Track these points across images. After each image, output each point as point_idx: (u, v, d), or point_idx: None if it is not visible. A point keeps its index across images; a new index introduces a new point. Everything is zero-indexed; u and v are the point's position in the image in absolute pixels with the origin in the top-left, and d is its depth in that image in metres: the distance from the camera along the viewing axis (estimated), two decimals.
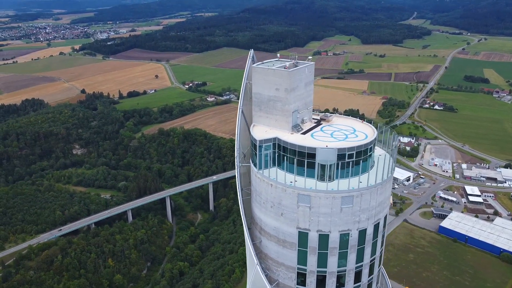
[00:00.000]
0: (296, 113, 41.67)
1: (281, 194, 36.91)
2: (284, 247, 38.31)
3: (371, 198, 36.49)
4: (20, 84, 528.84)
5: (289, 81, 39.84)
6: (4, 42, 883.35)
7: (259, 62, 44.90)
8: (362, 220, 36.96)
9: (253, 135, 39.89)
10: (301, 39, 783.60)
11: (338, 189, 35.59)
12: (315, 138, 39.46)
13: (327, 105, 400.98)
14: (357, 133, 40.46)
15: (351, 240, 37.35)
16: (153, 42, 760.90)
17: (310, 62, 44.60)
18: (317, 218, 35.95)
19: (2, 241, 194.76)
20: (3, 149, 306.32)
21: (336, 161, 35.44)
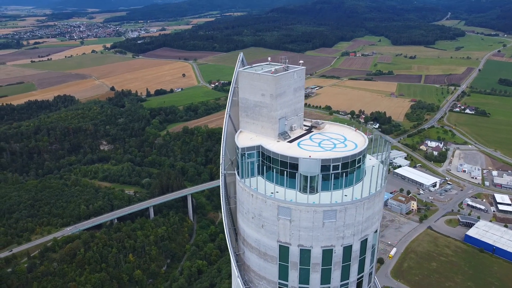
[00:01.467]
0: (283, 120, 40.03)
1: (262, 205, 35.50)
2: (266, 260, 36.90)
3: (357, 213, 34.39)
4: (53, 80, 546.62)
5: (275, 87, 38.16)
6: (40, 40, 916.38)
7: (248, 66, 43.59)
8: (347, 236, 34.88)
9: (236, 142, 38.67)
10: (330, 39, 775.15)
11: (320, 202, 33.72)
12: (301, 147, 37.73)
13: (353, 107, 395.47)
14: (347, 143, 38.49)
15: (335, 257, 35.43)
16: (181, 41, 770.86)
17: (300, 66, 42.46)
18: (298, 232, 34.30)
19: (29, 233, 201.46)
20: (34, 143, 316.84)
21: (320, 172, 33.75)
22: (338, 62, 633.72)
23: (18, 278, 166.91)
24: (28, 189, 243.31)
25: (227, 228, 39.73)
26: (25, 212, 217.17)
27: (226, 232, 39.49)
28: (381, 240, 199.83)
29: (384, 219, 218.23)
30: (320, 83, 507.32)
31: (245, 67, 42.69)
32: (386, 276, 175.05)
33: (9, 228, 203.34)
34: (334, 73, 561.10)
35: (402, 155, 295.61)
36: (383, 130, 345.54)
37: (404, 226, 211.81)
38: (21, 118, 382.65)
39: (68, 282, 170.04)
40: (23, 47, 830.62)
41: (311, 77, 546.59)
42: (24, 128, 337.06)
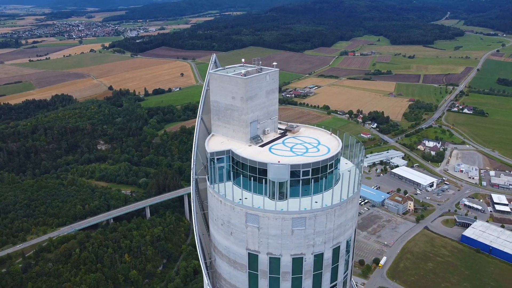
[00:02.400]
0: (255, 123, 38.82)
1: (230, 212, 34.55)
2: (235, 268, 36.03)
3: (327, 220, 33.26)
4: (52, 80, 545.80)
5: (245, 89, 36.97)
6: (39, 39, 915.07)
7: (220, 68, 42.87)
8: (317, 243, 33.80)
9: (206, 146, 37.77)
10: (329, 39, 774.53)
11: (288, 209, 32.54)
12: (272, 151, 36.49)
13: (351, 106, 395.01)
14: (320, 147, 37.52)
15: (306, 265, 34.34)
16: (180, 41, 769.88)
17: (273, 68, 41.40)
18: (267, 240, 33.18)
19: (24, 233, 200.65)
20: (31, 143, 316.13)
21: (289, 178, 32.77)
22: (337, 62, 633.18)
23: (13, 278, 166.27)
24: (24, 188, 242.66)
25: (197, 234, 38.96)
26: (20, 212, 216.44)
27: (196, 238, 38.74)
28: (378, 240, 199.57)
29: (381, 219, 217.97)
30: (319, 83, 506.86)
31: (217, 69, 41.94)
32: (382, 276, 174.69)
33: (4, 228, 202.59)
34: (333, 72, 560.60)
35: (400, 155, 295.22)
36: (381, 130, 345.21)
37: (400, 226, 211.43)
38: (19, 118, 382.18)
39: (63, 282, 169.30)
40: (22, 46, 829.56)
41: (309, 77, 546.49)
42: (21, 128, 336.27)
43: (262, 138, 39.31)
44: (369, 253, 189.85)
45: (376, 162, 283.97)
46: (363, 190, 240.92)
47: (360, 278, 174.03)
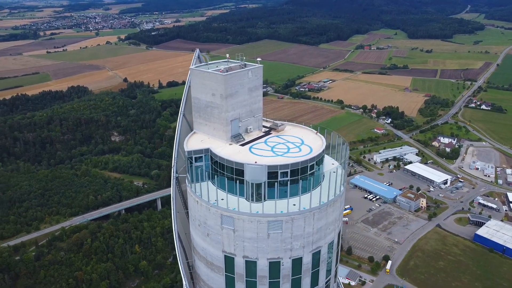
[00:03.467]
0: (236, 121, 37.69)
1: (206, 212, 33.58)
2: (212, 270, 35.22)
3: (306, 224, 32.00)
4: (68, 71, 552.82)
5: (224, 86, 35.71)
6: (56, 31, 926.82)
7: (203, 63, 41.87)
8: (295, 248, 32.61)
9: (185, 144, 36.90)
10: (344, 32, 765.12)
11: (264, 212, 31.31)
12: (252, 151, 35.27)
13: (365, 101, 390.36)
14: (303, 147, 36.03)
15: (283, 270, 33.06)
16: (195, 33, 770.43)
17: (256, 64, 40.01)
18: (242, 243, 32.22)
19: (38, 222, 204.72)
20: (47, 133, 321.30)
21: (267, 180, 31.50)
22: (352, 56, 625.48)
23: (26, 266, 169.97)
24: (39, 178, 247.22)
25: (176, 234, 38.43)
26: (35, 201, 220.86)
27: (175, 238, 38.22)
28: (388, 237, 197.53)
29: (392, 216, 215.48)
30: (333, 77, 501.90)
31: (199, 65, 41.04)
32: (391, 274, 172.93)
33: (19, 216, 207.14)
34: (348, 66, 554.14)
35: (414, 151, 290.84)
36: (395, 125, 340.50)
37: (412, 223, 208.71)
38: (35, 108, 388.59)
39: (74, 271, 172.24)
40: (40, 38, 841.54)
41: (324, 71, 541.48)
42: (38, 118, 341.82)
43: (244, 136, 38.11)
44: (379, 250, 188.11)
45: (389, 158, 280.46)
46: (374, 186, 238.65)
47: (369, 275, 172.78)
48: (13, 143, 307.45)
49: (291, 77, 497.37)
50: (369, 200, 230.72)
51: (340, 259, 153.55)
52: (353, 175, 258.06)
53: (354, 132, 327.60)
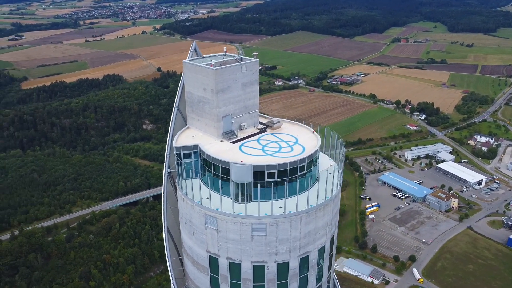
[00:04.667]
0: (228, 118, 36.35)
1: (191, 211, 32.67)
2: (198, 269, 34.60)
3: (292, 227, 30.59)
4: (105, 60, 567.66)
5: (215, 81, 34.47)
6: (95, 20, 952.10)
7: (198, 57, 40.74)
8: (281, 252, 31.34)
9: (174, 140, 36.09)
10: (381, 25, 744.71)
11: (247, 213, 30.09)
12: (242, 149, 33.94)
13: (399, 96, 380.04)
14: (296, 146, 34.42)
15: (268, 274, 31.89)
16: (228, 24, 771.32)
17: (252, 59, 38.34)
18: (226, 244, 31.35)
19: (70, 205, 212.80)
20: (82, 120, 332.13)
21: (253, 180, 30.28)
22: (388, 49, 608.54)
23: (57, 247, 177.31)
24: (73, 163, 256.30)
25: (166, 229, 38.15)
26: (68, 185, 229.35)
27: (164, 234, 37.95)
28: (415, 237, 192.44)
29: (421, 216, 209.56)
30: (367, 70, 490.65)
31: (193, 58, 40.08)
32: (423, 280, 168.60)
33: (53, 199, 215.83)
34: (383, 60, 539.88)
35: (447, 149, 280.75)
36: (429, 122, 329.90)
37: (441, 224, 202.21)
38: (72, 95, 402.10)
39: (102, 254, 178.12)
40: (80, 27, 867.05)
41: (357, 64, 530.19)
42: (74, 105, 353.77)
43: (238, 133, 36.89)
44: (405, 250, 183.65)
45: (421, 155, 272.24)
46: (404, 183, 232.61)
47: (394, 275, 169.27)
48: (50, 128, 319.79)
49: (323, 69, 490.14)
50: (397, 198, 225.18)
51: (364, 256, 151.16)
52: (382, 172, 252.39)
53: (385, 128, 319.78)
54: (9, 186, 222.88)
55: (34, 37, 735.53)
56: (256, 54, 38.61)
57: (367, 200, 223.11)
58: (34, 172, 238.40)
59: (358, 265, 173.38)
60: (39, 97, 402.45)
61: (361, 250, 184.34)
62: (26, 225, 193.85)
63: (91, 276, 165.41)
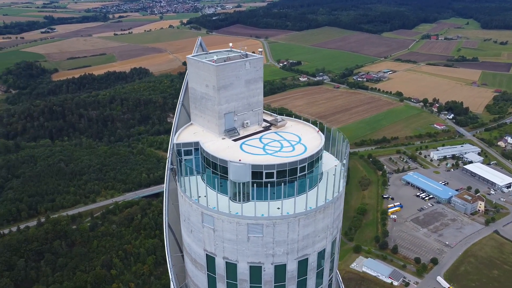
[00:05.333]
0: (231, 115, 35.65)
1: (189, 208, 32.31)
2: (196, 267, 34.29)
3: (290, 229, 29.83)
4: (132, 53, 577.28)
5: (216, 78, 33.79)
6: (124, 14, 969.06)
7: (202, 52, 40.14)
8: (278, 254, 30.61)
9: (176, 136, 35.65)
10: (410, 21, 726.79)
11: (243, 214, 29.42)
12: (242, 148, 33.21)
13: (427, 94, 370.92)
14: (298, 146, 33.42)
15: (265, 275, 31.24)
16: (255, 19, 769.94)
17: (256, 55, 37.37)
18: (222, 244, 30.89)
19: (95, 195, 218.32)
20: (109, 112, 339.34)
21: (251, 180, 29.53)
22: (417, 46, 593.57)
23: (81, 235, 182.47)
24: (98, 154, 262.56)
25: (166, 226, 38.01)
26: (93, 175, 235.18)
27: (164, 230, 37.84)
28: (438, 239, 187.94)
29: (445, 218, 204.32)
30: (394, 67, 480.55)
31: (197, 54, 39.58)
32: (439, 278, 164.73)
33: (78, 188, 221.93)
34: (411, 57, 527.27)
35: (476, 150, 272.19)
36: (457, 122, 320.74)
37: (466, 227, 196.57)
38: (100, 88, 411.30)
39: (124, 244, 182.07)
40: (109, 21, 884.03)
41: (385, 60, 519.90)
42: (101, 97, 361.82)
43: (240, 131, 36.23)
44: (427, 252, 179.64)
45: (447, 156, 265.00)
46: (428, 184, 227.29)
47: (414, 276, 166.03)
48: (78, 119, 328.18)
49: (349, 66, 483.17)
50: (421, 198, 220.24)
51: (384, 257, 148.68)
52: (406, 172, 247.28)
53: (411, 127, 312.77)
54: (37, 175, 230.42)
55: (66, 30, 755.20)
56: (261, 51, 37.96)
57: (390, 200, 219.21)
58: (62, 162, 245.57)
59: (378, 266, 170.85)
60: (68, 88, 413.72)
61: (381, 250, 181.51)
62: (52, 213, 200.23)
63: (113, 265, 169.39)
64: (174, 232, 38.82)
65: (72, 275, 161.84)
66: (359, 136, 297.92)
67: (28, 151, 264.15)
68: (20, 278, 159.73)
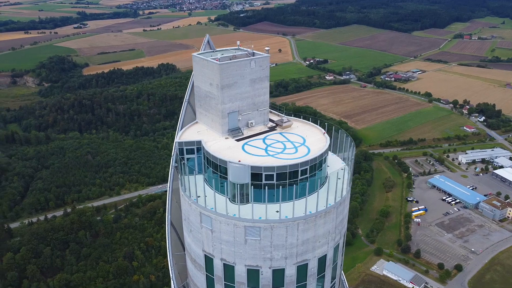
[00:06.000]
0: (235, 114, 34.99)
1: (188, 208, 32.04)
2: (196, 267, 33.95)
3: (288, 234, 29.10)
4: (160, 49, 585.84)
5: (220, 76, 33.21)
6: (154, 10, 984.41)
7: (208, 50, 39.48)
8: (276, 258, 29.92)
9: (179, 134, 35.18)
10: (442, 19, 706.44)
11: (241, 216, 28.82)
12: (244, 148, 32.58)
13: (457, 96, 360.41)
14: (301, 148, 32.42)
15: (263, 279, 30.63)
16: (282, 16, 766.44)
17: (263, 54, 36.28)
18: (220, 245, 30.52)
19: (119, 187, 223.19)
20: (136, 106, 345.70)
21: (250, 181, 28.87)
22: (449, 45, 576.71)
23: (105, 226, 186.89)
24: (124, 147, 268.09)
25: (169, 224, 37.83)
26: (119, 168, 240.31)
27: (167, 228, 37.67)
28: (464, 245, 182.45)
29: (472, 223, 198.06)
30: (424, 67, 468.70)
31: (206, 51, 39.01)
32: (462, 285, 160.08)
33: (104, 181, 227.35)
34: (442, 57, 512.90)
35: (507, 154, 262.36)
36: (488, 125, 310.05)
37: (494, 234, 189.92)
38: (128, 82, 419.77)
39: (146, 236, 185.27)
40: (139, 17, 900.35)
41: (414, 60, 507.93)
42: (129, 92, 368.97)
43: (245, 131, 35.52)
44: (451, 258, 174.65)
45: (476, 159, 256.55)
46: (455, 188, 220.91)
47: (436, 282, 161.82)
48: (106, 113, 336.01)
49: (377, 65, 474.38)
50: (447, 202, 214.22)
51: (406, 261, 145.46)
52: (432, 174, 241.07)
53: (439, 129, 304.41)
54: (65, 166, 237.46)
55: (97, 25, 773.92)
56: (268, 49, 37.12)
57: (414, 203, 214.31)
58: (89, 154, 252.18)
59: (399, 270, 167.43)
60: (98, 83, 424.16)
61: (403, 254, 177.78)
62: (78, 204, 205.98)
63: (135, 257, 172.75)
64: (177, 231, 38.88)
65: (95, 265, 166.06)
66: (384, 136, 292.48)
67: (58, 143, 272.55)
68: (46, 265, 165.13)
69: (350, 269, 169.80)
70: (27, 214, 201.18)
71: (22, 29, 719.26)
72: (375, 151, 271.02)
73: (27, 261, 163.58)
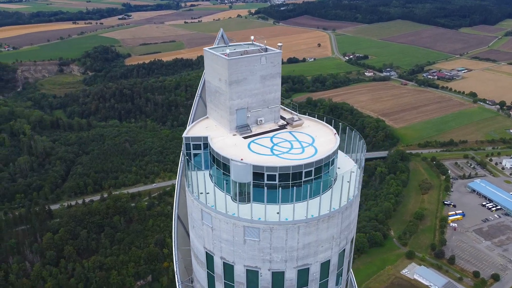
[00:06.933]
0: (243, 111, 34.13)
1: (191, 204, 31.60)
2: (198, 263, 33.48)
3: (288, 236, 28.32)
4: (200, 41, 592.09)
5: (228, 72, 32.38)
6: (195, 3, 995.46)
7: (221, 45, 38.23)
8: (275, 260, 29.12)
9: (187, 129, 34.59)
10: (493, 16, 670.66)
11: (240, 215, 28.19)
12: (250, 146, 31.73)
13: (505, 97, 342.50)
14: (308, 148, 31.14)
15: (262, 281, 29.92)
16: (323, 10, 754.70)
17: (275, 49, 34.87)
18: (220, 243, 30.05)
19: (154, 176, 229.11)
20: (173, 97, 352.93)
21: (252, 180, 28.05)
22: (499, 43, 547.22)
23: (138, 213, 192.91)
24: (160, 137, 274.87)
25: (175, 217, 37.42)
26: (154, 157, 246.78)
27: (174, 221, 37.28)
28: (503, 254, 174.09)
29: None
30: (470, 66, 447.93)
31: (218, 45, 38.04)
32: None
33: (139, 169, 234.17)
34: (491, 55, 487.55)
35: None
36: None
37: None
38: (167, 73, 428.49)
39: None
40: (181, 9, 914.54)
41: (460, 58, 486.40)
42: (167, 83, 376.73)
43: (253, 129, 34.60)
44: (488, 266, 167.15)
45: None
46: (497, 194, 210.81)
47: None
48: (145, 103, 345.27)
49: (420, 62, 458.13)
50: (487, 208, 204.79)
51: (439, 266, 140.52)
52: (472, 178, 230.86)
53: (483, 131, 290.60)
54: (104, 153, 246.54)
55: (140, 17, 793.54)
56: (281, 45, 35.95)
57: (451, 207, 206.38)
58: (127, 142, 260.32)
59: (431, 275, 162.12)
60: (139, 73, 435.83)
61: (436, 259, 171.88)
62: (115, 190, 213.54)
63: (165, 244, 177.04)
64: (184, 225, 38.99)
65: (128, 249, 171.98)
66: (423, 137, 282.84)
67: (98, 130, 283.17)
68: (82, 247, 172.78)
69: (379, 270, 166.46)
70: (67, 197, 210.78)
71: (70, 20, 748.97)
72: (413, 151, 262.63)
73: (65, 242, 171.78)
